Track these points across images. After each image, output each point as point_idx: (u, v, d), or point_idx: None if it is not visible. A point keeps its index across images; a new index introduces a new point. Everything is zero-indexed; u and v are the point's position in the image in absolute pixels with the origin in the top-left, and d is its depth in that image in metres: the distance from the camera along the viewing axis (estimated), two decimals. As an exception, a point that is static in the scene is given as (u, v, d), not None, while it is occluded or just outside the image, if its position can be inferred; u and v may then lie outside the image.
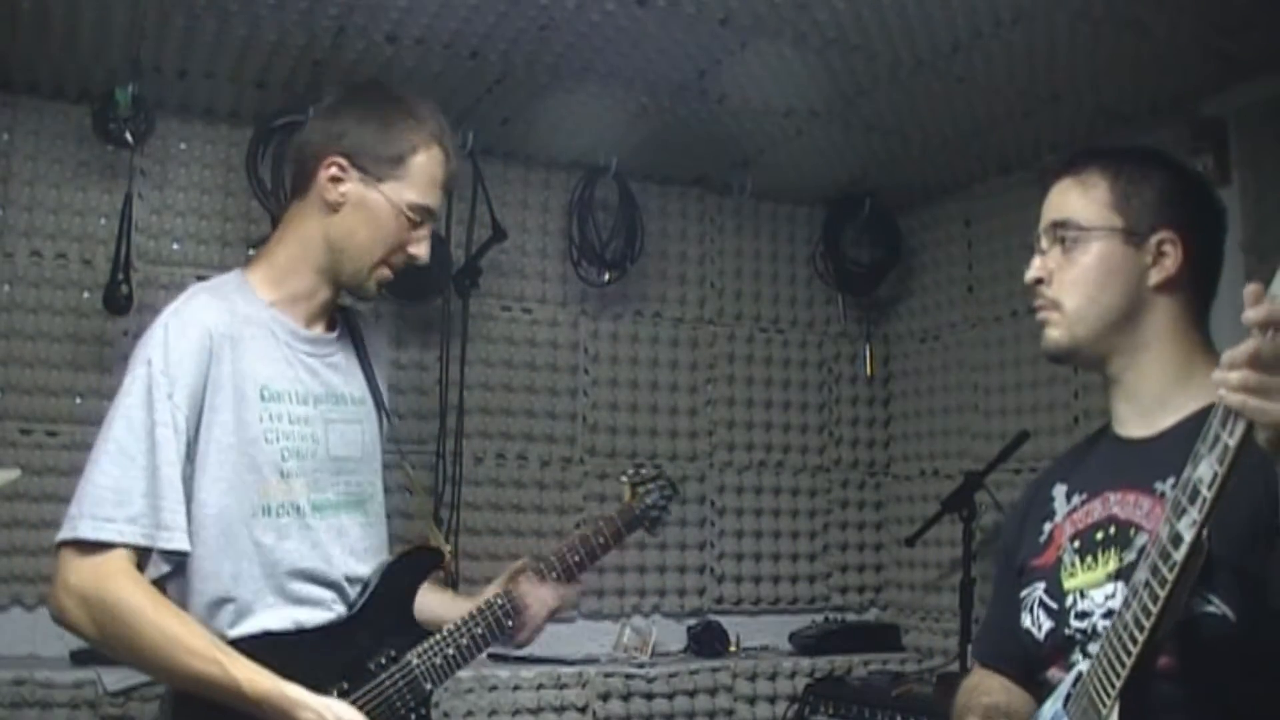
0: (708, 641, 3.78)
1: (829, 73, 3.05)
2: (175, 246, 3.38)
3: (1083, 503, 1.66)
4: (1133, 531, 1.54)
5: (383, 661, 1.96)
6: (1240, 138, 3.08)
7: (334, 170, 1.93)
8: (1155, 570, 1.30)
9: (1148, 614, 1.31)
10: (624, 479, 2.69)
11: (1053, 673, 1.62)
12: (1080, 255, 1.63)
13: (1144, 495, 1.56)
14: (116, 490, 1.76)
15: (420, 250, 1.99)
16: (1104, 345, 1.64)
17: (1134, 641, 1.33)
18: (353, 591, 1.99)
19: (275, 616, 1.88)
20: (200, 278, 3.32)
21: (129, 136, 3.16)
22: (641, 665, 3.53)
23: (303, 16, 2.77)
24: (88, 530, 1.74)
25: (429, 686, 1.98)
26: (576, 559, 2.19)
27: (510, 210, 3.74)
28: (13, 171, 3.23)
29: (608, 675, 3.45)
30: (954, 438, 4.02)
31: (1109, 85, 3.08)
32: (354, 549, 1.99)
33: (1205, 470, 1.24)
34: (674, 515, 3.91)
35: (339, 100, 2.02)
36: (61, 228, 3.26)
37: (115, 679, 2.84)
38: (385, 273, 1.99)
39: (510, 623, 2.07)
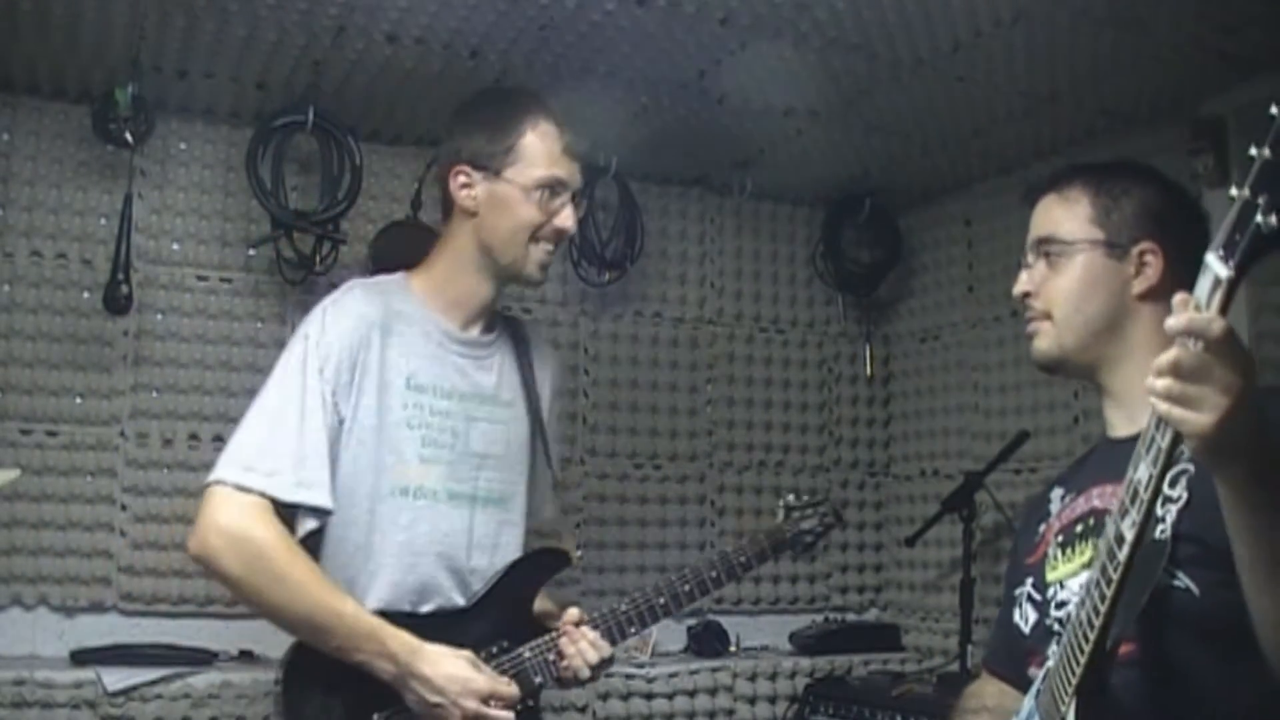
0: (708, 641, 3.78)
1: (829, 73, 3.05)
2: (175, 246, 3.38)
3: (1071, 500, 1.72)
4: (1107, 518, 1.57)
5: (494, 651, 2.02)
6: (1240, 138, 3.08)
7: (461, 179, 2.08)
8: (1104, 570, 1.34)
9: (1098, 613, 1.34)
10: (781, 503, 2.62)
11: (1032, 671, 1.65)
12: (1065, 268, 1.69)
13: (1120, 485, 1.59)
14: (262, 448, 1.92)
15: (565, 221, 2.09)
16: (1091, 353, 1.69)
17: (1086, 640, 1.36)
18: (476, 583, 2.07)
19: (394, 595, 1.99)
20: (200, 278, 3.40)
21: (129, 136, 3.16)
22: (641, 665, 3.53)
23: (303, 16, 2.77)
24: (232, 475, 1.90)
25: (539, 680, 2.06)
26: (686, 588, 2.21)
27: (510, 210, 3.74)
28: (13, 171, 3.22)
29: (608, 675, 3.44)
30: (954, 438, 4.02)
31: (1109, 85, 3.08)
32: (483, 543, 2.07)
33: (1143, 472, 1.27)
34: (674, 515, 3.96)
35: (450, 121, 2.20)
36: (61, 228, 3.25)
37: (115, 679, 2.84)
38: (540, 253, 2.08)
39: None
